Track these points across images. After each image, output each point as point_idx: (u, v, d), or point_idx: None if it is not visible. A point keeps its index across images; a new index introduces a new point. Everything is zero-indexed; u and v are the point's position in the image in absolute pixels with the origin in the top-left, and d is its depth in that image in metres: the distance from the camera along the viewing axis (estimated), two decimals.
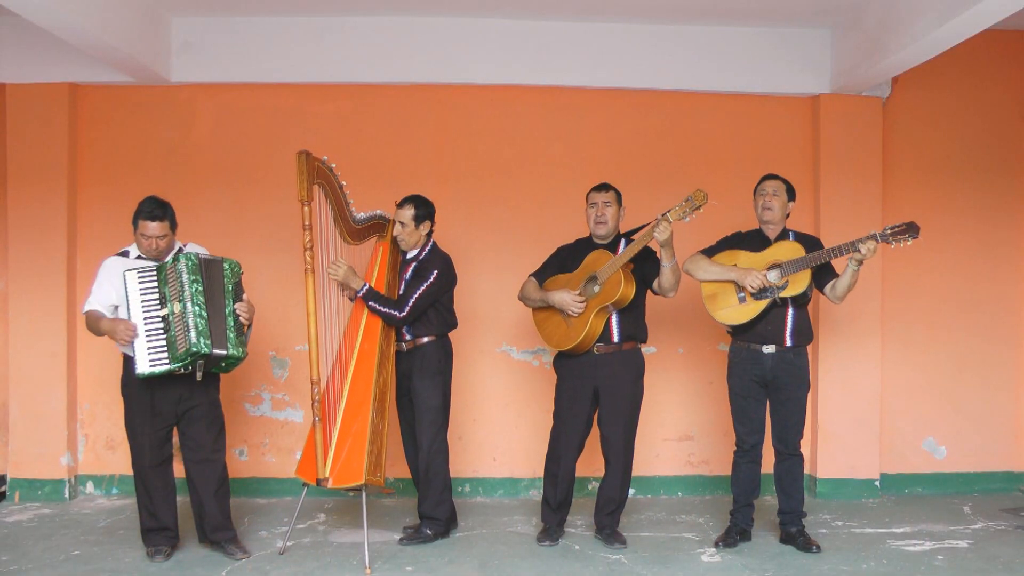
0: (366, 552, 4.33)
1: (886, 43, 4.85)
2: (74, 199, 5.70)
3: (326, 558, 4.49)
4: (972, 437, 5.92)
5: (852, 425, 5.71)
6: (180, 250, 4.38)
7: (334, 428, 4.47)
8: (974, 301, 5.91)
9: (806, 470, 5.10)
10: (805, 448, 4.85)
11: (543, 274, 4.83)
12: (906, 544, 4.74)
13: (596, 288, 4.54)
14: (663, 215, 4.32)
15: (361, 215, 4.65)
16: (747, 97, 5.82)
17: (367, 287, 4.59)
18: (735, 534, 4.71)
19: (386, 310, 4.59)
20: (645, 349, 5.75)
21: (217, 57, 5.60)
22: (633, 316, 4.64)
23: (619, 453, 4.68)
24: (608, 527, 4.75)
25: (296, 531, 4.84)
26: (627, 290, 4.47)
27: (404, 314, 4.59)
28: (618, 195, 4.73)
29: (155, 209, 4.22)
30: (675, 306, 5.74)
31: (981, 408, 5.92)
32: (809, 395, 4.67)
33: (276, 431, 5.80)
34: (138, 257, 4.33)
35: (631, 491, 5.69)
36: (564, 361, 4.73)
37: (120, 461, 5.66)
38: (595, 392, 4.65)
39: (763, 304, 4.46)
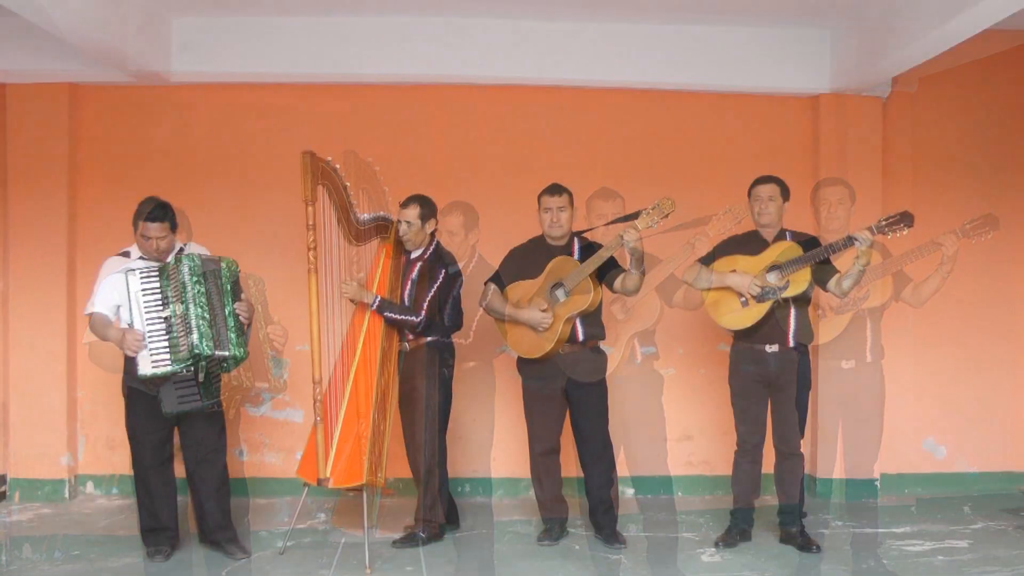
0: (366, 552, 4.33)
1: (887, 42, 4.84)
2: (74, 199, 5.69)
3: (326, 558, 4.49)
4: (972, 437, 5.90)
5: (852, 425, 5.69)
6: (181, 250, 4.37)
7: (335, 428, 4.46)
8: (974, 300, 5.89)
9: (806, 470, 5.09)
10: (805, 448, 4.84)
11: (500, 279, 4.83)
12: (906, 544, 4.74)
13: (563, 295, 4.59)
14: (631, 220, 4.36)
15: (365, 216, 4.64)
16: (748, 96, 5.80)
17: (379, 299, 4.61)
18: (735, 534, 4.70)
19: (403, 317, 4.63)
20: (644, 349, 5.80)
21: (216, 56, 5.56)
22: (593, 316, 4.69)
23: (600, 451, 4.72)
24: (607, 527, 4.73)
25: (296, 531, 4.83)
26: (595, 298, 4.58)
27: (421, 318, 4.62)
28: (571, 197, 4.76)
29: (155, 210, 4.22)
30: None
31: (981, 407, 5.90)
32: (809, 395, 4.67)
33: (276, 431, 5.79)
34: (140, 258, 4.32)
35: (631, 491, 5.73)
36: (530, 364, 4.75)
37: (120, 461, 5.62)
38: (564, 392, 4.69)
39: (766, 306, 4.45)
